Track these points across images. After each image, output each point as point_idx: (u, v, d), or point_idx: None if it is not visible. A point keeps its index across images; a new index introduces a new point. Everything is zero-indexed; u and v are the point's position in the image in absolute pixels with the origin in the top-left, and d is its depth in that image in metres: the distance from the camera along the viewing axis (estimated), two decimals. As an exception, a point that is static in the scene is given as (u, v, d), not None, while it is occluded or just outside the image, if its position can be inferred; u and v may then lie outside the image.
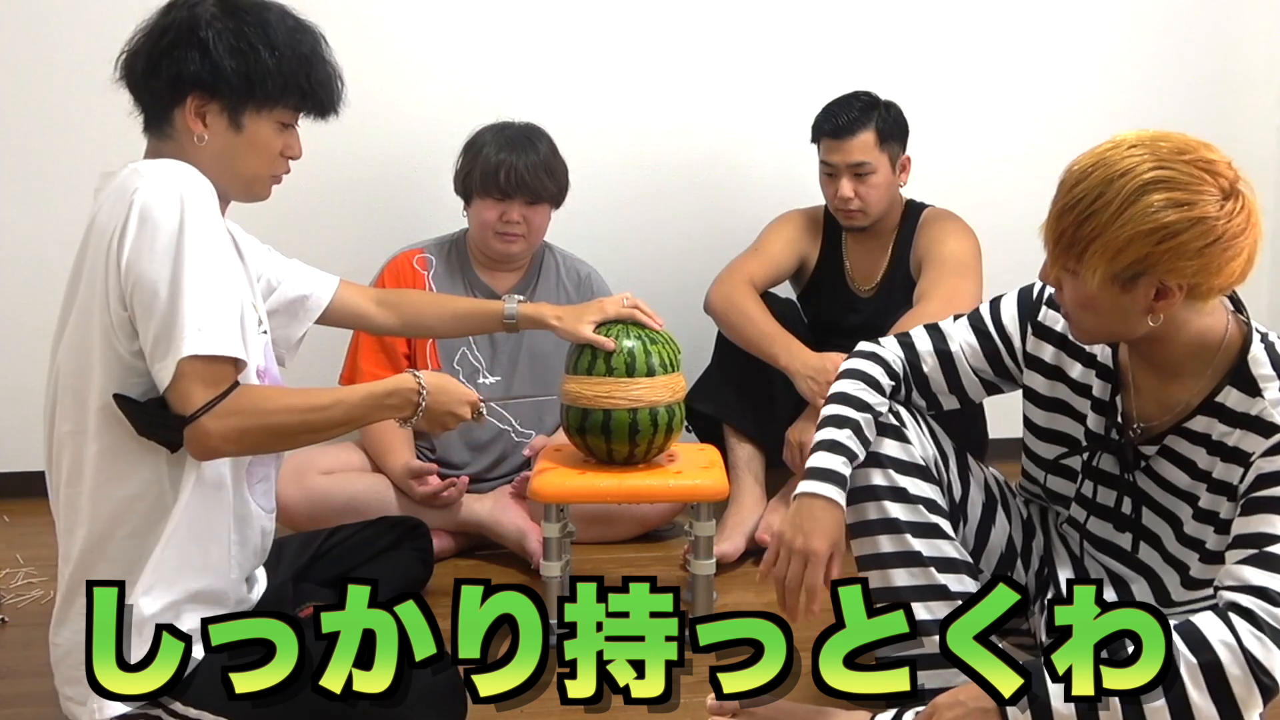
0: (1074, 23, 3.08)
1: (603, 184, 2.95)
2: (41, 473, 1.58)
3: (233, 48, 1.50)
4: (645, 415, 1.99)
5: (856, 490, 1.62)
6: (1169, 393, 1.49)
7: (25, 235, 2.80)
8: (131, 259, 1.41)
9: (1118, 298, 1.38)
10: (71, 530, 1.53)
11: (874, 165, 2.52)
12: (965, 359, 1.68)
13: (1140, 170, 1.32)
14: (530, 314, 2.06)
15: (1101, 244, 1.34)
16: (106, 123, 2.71)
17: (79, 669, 1.52)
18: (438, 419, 1.72)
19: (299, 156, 1.64)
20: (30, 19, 2.72)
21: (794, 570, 1.55)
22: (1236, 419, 1.42)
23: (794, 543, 1.55)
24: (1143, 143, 1.35)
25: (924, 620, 1.55)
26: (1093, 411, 1.60)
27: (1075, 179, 1.37)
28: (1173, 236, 1.31)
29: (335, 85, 1.62)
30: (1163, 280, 1.35)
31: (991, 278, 2.52)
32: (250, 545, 1.63)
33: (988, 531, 1.70)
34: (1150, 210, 1.31)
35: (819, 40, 3.00)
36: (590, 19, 2.92)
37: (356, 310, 1.98)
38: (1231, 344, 1.44)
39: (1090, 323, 1.44)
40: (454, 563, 2.43)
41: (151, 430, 1.46)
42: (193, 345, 1.40)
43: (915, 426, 1.65)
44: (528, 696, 1.85)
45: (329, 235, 2.85)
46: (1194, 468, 1.49)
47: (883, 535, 1.60)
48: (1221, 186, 1.33)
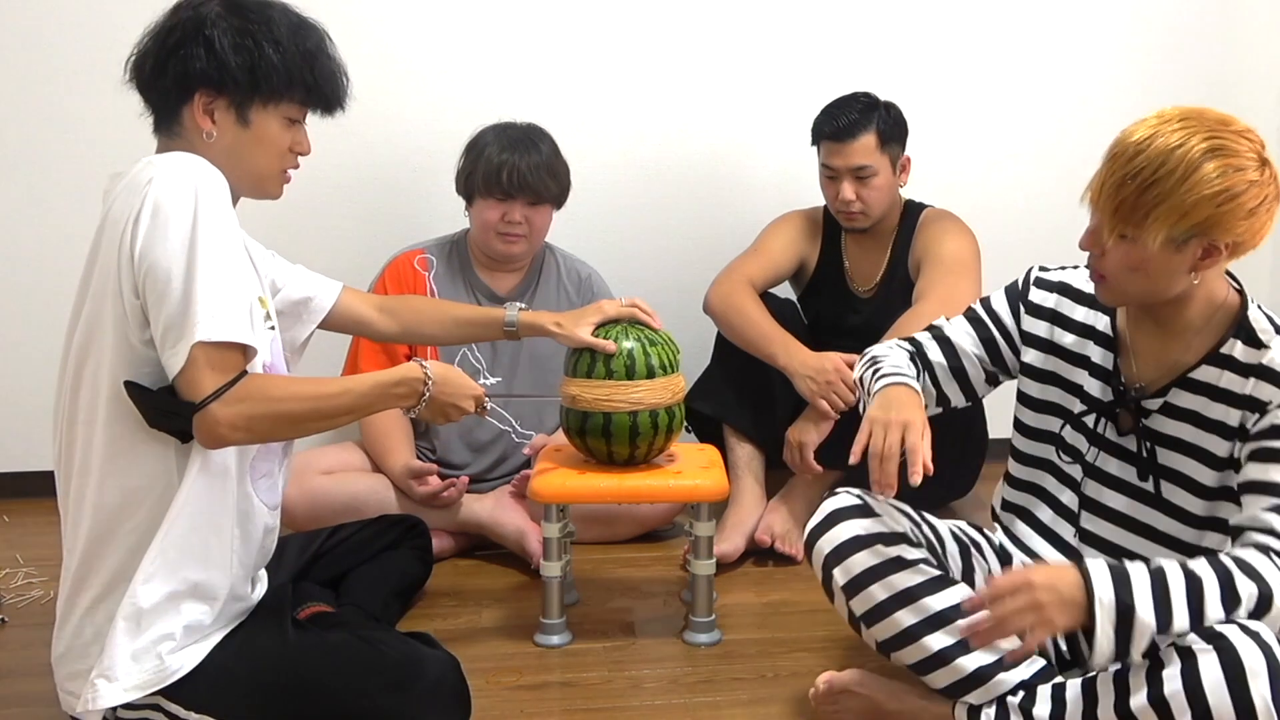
0: (1074, 23, 3.08)
1: (604, 184, 2.95)
2: (42, 472, 1.59)
3: (237, 44, 1.53)
4: (645, 417, 1.99)
5: (856, 578, 1.63)
6: (1169, 352, 1.61)
7: (25, 237, 2.80)
8: (145, 247, 1.43)
9: (1170, 258, 1.50)
10: (78, 522, 1.53)
11: (875, 168, 2.52)
12: (966, 349, 1.80)
13: (1194, 142, 1.45)
14: (530, 321, 2.07)
15: (1167, 208, 1.45)
16: (105, 125, 2.73)
17: (82, 662, 1.52)
18: (441, 410, 1.74)
19: (308, 152, 1.66)
20: (36, 23, 2.72)
21: (892, 438, 1.60)
22: (1247, 369, 1.54)
23: (887, 417, 1.63)
24: (1186, 116, 1.49)
25: (981, 669, 1.57)
26: (1091, 379, 1.69)
27: (1133, 150, 1.48)
28: (1233, 199, 1.44)
29: (340, 81, 1.64)
30: (1214, 240, 1.48)
31: (991, 277, 2.51)
32: (252, 541, 1.63)
33: (971, 580, 1.73)
34: (1212, 175, 1.44)
35: (819, 40, 3.00)
36: (591, 19, 2.92)
37: (359, 316, 1.99)
38: (1231, 304, 1.59)
39: (1135, 284, 1.54)
40: (454, 563, 2.43)
41: (161, 419, 1.47)
42: (205, 331, 1.41)
43: (876, 502, 1.70)
44: (528, 696, 1.86)
45: (330, 235, 2.85)
46: (1199, 417, 1.58)
47: (900, 610, 1.61)
48: (1258, 153, 1.48)
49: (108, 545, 1.51)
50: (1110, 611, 1.40)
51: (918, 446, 1.59)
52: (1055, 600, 1.42)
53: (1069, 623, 1.43)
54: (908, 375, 1.73)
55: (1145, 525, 1.64)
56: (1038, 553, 1.74)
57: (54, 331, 2.89)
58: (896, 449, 1.59)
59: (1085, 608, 1.41)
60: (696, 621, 2.05)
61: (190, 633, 1.54)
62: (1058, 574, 1.45)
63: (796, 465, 2.45)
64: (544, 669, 1.97)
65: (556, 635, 2.05)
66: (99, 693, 1.48)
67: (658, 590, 2.29)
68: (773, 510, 2.49)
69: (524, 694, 1.87)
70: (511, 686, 1.89)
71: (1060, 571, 1.45)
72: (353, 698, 1.57)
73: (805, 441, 2.41)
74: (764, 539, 2.42)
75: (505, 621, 2.14)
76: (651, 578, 2.36)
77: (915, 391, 1.70)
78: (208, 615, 1.56)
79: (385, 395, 1.66)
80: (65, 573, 1.56)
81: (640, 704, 1.85)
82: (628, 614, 2.19)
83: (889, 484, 1.59)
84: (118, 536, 1.51)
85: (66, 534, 1.56)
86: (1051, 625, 1.42)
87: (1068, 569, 1.46)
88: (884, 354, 1.81)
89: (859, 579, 1.62)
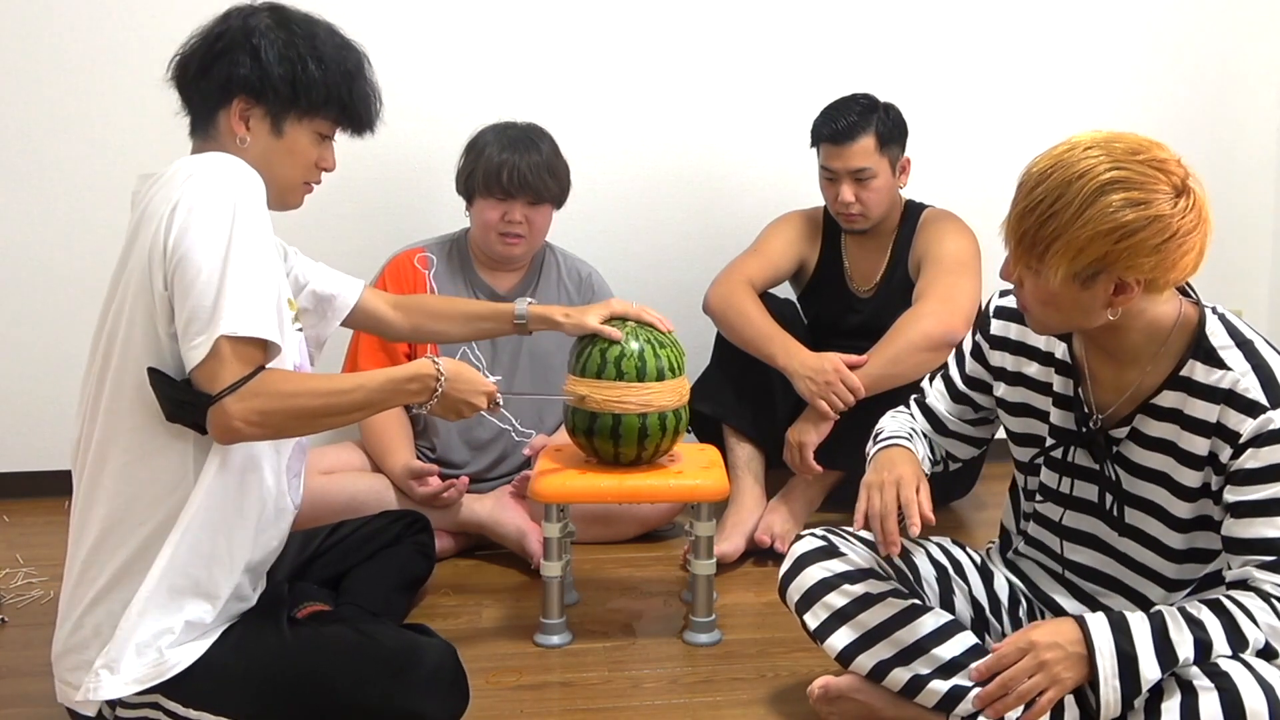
0: (1074, 23, 3.08)
1: (604, 184, 2.95)
2: (42, 472, 1.59)
3: (282, 56, 1.59)
4: (655, 419, 1.99)
5: (827, 620, 1.64)
6: (1126, 378, 1.54)
7: (28, 241, 2.79)
8: (178, 237, 1.44)
9: (1078, 294, 1.43)
10: (90, 512, 1.53)
11: (874, 170, 2.52)
12: (943, 413, 1.80)
13: (1098, 171, 1.37)
14: (540, 314, 2.07)
15: (1063, 243, 1.38)
16: (110, 129, 2.73)
17: (83, 653, 1.52)
18: (453, 406, 1.74)
19: (332, 169, 1.70)
20: (39, 23, 2.72)
21: (887, 497, 1.61)
22: (1210, 393, 1.46)
23: (880, 478, 1.64)
24: (1097, 144, 1.40)
25: (953, 688, 1.55)
26: (1055, 407, 1.64)
27: (1035, 181, 1.41)
28: (1131, 235, 1.36)
29: (374, 104, 1.70)
30: (1121, 276, 1.40)
31: (991, 277, 2.51)
32: (266, 542, 1.64)
33: (951, 604, 1.72)
34: (1109, 210, 1.35)
35: (819, 40, 3.00)
36: (592, 19, 2.92)
37: (376, 314, 2.01)
38: (1186, 323, 1.50)
39: (1051, 317, 1.49)
40: (454, 563, 2.43)
41: (178, 410, 1.48)
42: (230, 325, 1.43)
43: (843, 540, 1.71)
44: (528, 696, 1.86)
45: (330, 234, 2.84)
46: (1168, 446, 1.52)
47: (874, 646, 1.60)
48: (1174, 184, 1.37)
49: (118, 538, 1.52)
50: (1112, 660, 1.40)
51: (911, 499, 1.60)
52: (1060, 656, 1.43)
53: (1077, 677, 1.43)
54: (900, 436, 1.75)
55: (1124, 555, 1.61)
56: (1032, 580, 1.74)
57: (55, 332, 2.90)
58: (892, 506, 1.61)
59: (1088, 659, 1.42)
60: (696, 621, 2.05)
61: (191, 629, 1.54)
62: (1057, 629, 1.46)
63: (797, 466, 2.45)
64: (544, 669, 1.97)
65: (556, 635, 2.05)
66: (101, 683, 1.49)
67: (658, 590, 2.29)
68: (773, 510, 2.49)
69: (524, 694, 1.87)
70: (511, 686, 1.89)
71: (1059, 626, 1.46)
72: (351, 688, 1.57)
73: (805, 442, 2.41)
74: (764, 539, 2.42)
75: (505, 621, 2.14)
76: (651, 578, 2.36)
77: (906, 449, 1.71)
78: (209, 613, 1.56)
79: (399, 391, 1.66)
80: (71, 563, 1.56)
81: (640, 704, 1.85)
82: (628, 614, 2.19)
83: (892, 541, 1.60)
84: (129, 529, 1.51)
85: (75, 524, 1.56)
86: (1062, 683, 1.43)
87: (1066, 623, 1.46)
88: (884, 425, 1.82)
89: (828, 622, 1.64)
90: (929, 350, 2.35)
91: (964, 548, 1.81)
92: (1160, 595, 1.59)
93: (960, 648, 1.57)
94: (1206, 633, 1.41)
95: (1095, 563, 1.65)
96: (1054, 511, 1.67)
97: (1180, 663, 1.41)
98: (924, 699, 1.57)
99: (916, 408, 1.85)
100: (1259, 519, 1.42)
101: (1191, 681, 1.39)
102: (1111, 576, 1.63)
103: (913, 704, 1.59)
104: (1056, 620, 1.51)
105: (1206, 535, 1.53)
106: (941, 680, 1.55)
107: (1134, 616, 1.44)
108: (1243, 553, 1.44)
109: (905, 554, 1.73)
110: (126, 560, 1.51)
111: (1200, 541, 1.54)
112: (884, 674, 1.59)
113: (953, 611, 1.70)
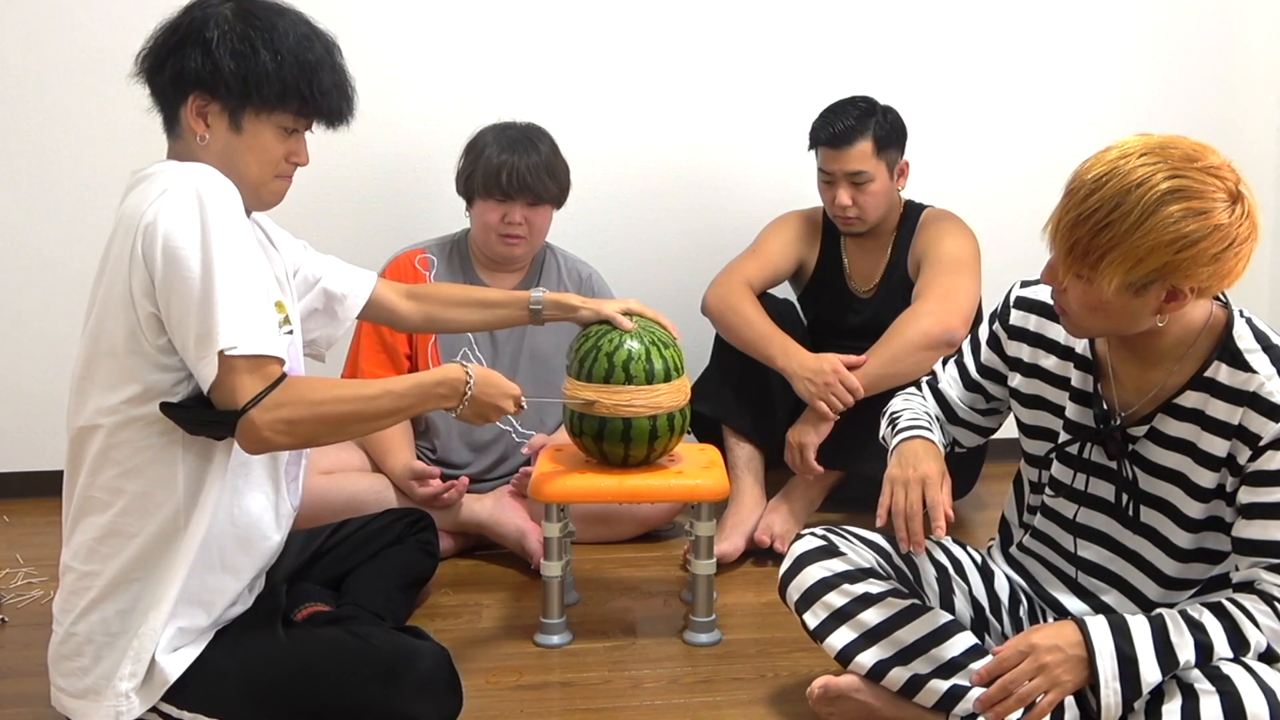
0: (1074, 23, 3.08)
1: (604, 184, 2.95)
2: (42, 472, 1.59)
3: (234, 50, 1.51)
4: (664, 420, 1.99)
5: (827, 620, 1.64)
6: (1150, 379, 1.53)
7: (24, 237, 2.79)
8: (162, 263, 1.41)
9: (1129, 301, 1.41)
10: (80, 519, 1.53)
11: (871, 173, 2.52)
12: (954, 399, 1.79)
13: (1156, 180, 1.34)
14: (556, 300, 2.06)
15: (1120, 253, 1.36)
16: (106, 126, 2.73)
17: (78, 659, 1.52)
18: (481, 410, 1.72)
19: (305, 164, 1.63)
20: (42, 19, 2.72)
21: (913, 497, 1.61)
22: (1234, 395, 1.46)
23: (905, 474, 1.63)
24: (1151, 150, 1.37)
25: (952, 688, 1.56)
26: (1072, 403, 1.63)
27: (1089, 189, 1.38)
28: (1192, 245, 1.34)
29: (340, 94, 1.61)
30: (1176, 285, 1.38)
31: (991, 277, 2.52)
32: (264, 547, 1.63)
33: (951, 604, 1.72)
34: (1170, 221, 1.33)
35: (819, 41, 3.00)
36: (591, 20, 2.92)
37: (390, 306, 1.98)
38: (1215, 325, 1.49)
39: (1095, 322, 1.47)
40: (454, 563, 2.43)
41: (201, 428, 1.48)
42: (229, 342, 1.41)
43: (843, 540, 1.70)
44: (528, 696, 1.86)
45: (330, 235, 2.84)
46: (1187, 446, 1.51)
47: (873, 647, 1.61)
48: (1229, 191, 1.35)
49: (110, 548, 1.51)
50: (1112, 663, 1.40)
51: (938, 500, 1.60)
52: (1061, 659, 1.43)
53: (1078, 679, 1.43)
54: (923, 427, 1.73)
55: (1133, 552, 1.61)
56: (1037, 579, 1.74)
57: (54, 332, 2.90)
58: (918, 506, 1.61)
59: (1088, 662, 1.42)
60: (696, 621, 2.06)
61: (183, 635, 1.54)
62: (1057, 632, 1.46)
63: (798, 467, 2.45)
64: (544, 669, 1.97)
65: (556, 635, 2.05)
66: (100, 694, 1.49)
67: (658, 590, 2.29)
68: (773, 510, 2.50)
69: (524, 694, 1.87)
70: (511, 686, 1.89)
71: (1059, 629, 1.46)
72: (345, 690, 1.57)
73: (805, 443, 2.41)
74: (764, 539, 2.42)
75: (505, 621, 2.14)
76: (651, 578, 2.36)
77: (931, 443, 1.70)
78: (204, 619, 1.56)
79: (427, 396, 1.65)
80: (63, 572, 1.56)
81: (640, 704, 1.85)
82: (628, 614, 2.19)
83: (918, 541, 1.61)
84: (121, 541, 1.51)
85: (66, 532, 1.56)
86: (1062, 686, 1.44)
87: (1066, 625, 1.46)
88: (900, 408, 1.80)
89: (827, 622, 1.64)
90: (928, 349, 2.35)
91: (964, 547, 1.80)
92: (1156, 593, 1.59)
93: (960, 648, 1.57)
94: (1207, 635, 1.41)
95: (1103, 559, 1.65)
96: (1067, 508, 1.67)
97: (1181, 665, 1.41)
98: (923, 698, 1.57)
99: (929, 390, 1.84)
100: (1271, 521, 1.43)
101: (1192, 684, 1.39)
102: (1115, 573, 1.63)
103: (912, 703, 1.59)
104: (1057, 623, 1.51)
105: (1215, 536, 1.53)
106: (941, 680, 1.56)
107: (1135, 619, 1.45)
108: (1252, 554, 1.45)
109: (906, 554, 1.73)
110: (119, 570, 1.51)
111: (1208, 542, 1.54)
112: (883, 673, 1.59)
113: (953, 611, 1.70)
